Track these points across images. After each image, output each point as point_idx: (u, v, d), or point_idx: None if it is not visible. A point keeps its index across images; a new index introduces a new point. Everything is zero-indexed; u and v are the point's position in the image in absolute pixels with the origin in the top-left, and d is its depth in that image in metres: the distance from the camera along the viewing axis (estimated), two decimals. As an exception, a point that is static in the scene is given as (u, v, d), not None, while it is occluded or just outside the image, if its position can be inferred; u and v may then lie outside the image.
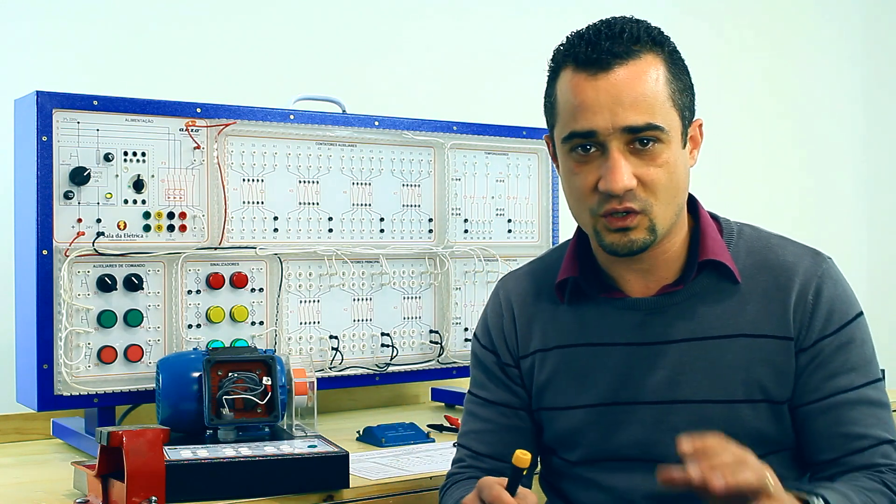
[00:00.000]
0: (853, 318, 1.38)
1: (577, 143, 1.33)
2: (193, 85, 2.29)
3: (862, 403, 1.35)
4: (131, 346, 1.85)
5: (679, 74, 1.35)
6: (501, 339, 1.51)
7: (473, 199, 2.27)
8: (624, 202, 1.30)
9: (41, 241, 1.77)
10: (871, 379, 1.37)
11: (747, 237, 1.43)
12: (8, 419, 2.04)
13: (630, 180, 1.29)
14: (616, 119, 1.28)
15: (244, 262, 1.98)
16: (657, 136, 1.30)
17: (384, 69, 2.65)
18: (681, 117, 1.35)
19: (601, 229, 1.34)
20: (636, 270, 1.40)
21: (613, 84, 1.29)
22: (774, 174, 3.50)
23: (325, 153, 2.08)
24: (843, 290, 1.39)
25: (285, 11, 2.51)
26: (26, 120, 1.81)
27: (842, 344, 1.36)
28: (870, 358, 1.38)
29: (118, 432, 1.41)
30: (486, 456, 1.51)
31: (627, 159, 1.30)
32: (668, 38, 1.37)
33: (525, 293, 1.51)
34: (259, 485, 1.53)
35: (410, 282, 2.19)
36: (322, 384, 2.01)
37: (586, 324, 1.44)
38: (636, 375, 1.39)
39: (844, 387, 1.35)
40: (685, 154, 1.37)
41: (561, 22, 2.91)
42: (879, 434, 1.34)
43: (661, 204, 1.32)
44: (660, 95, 1.31)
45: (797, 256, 1.40)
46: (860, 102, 3.76)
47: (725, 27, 3.39)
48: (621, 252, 1.34)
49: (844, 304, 1.38)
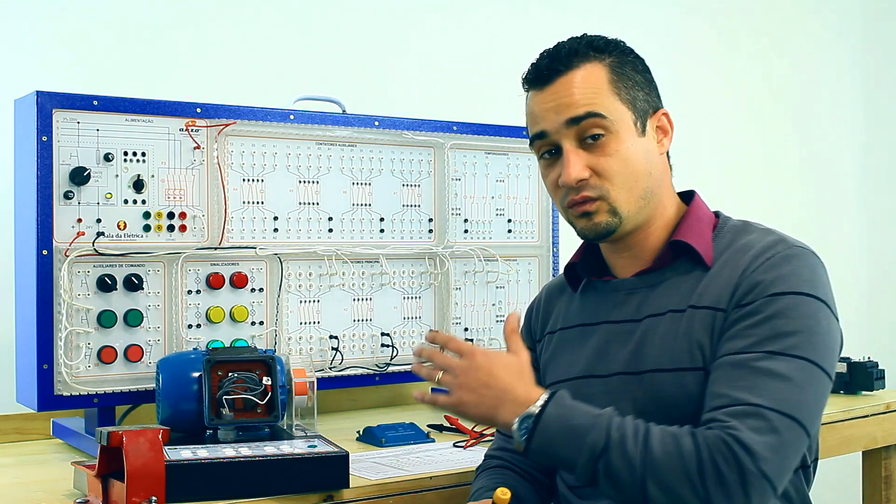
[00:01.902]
0: (783, 293, 1.32)
1: (540, 149, 1.49)
2: (193, 85, 2.29)
3: (744, 367, 1.28)
4: (131, 346, 1.85)
5: (626, 73, 1.47)
6: (527, 326, 1.69)
7: (473, 199, 2.27)
8: (581, 192, 1.44)
9: (41, 241, 1.77)
10: (770, 349, 1.28)
11: (734, 228, 1.48)
12: (8, 419, 2.04)
13: (581, 172, 1.42)
14: (559, 117, 1.43)
15: (244, 262, 1.98)
16: (602, 126, 1.42)
17: (384, 69, 2.65)
18: (631, 108, 1.45)
19: (572, 218, 1.48)
20: (625, 257, 1.51)
21: (555, 91, 1.45)
22: (774, 175, 3.50)
23: (325, 153, 2.08)
24: (794, 271, 1.34)
25: (285, 11, 2.51)
26: (26, 120, 1.81)
27: (752, 311, 1.32)
28: (785, 334, 1.29)
29: (118, 432, 1.41)
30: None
31: (579, 154, 1.43)
32: (621, 46, 1.49)
33: (554, 287, 1.67)
34: (259, 485, 1.53)
35: (410, 282, 2.19)
36: (322, 384, 2.01)
37: (584, 307, 1.57)
38: (610, 350, 1.48)
39: (732, 349, 1.31)
40: (645, 142, 1.46)
41: (561, 22, 2.93)
42: (739, 395, 1.26)
43: (619, 188, 1.43)
44: (600, 90, 1.44)
45: (761, 239, 1.41)
46: (860, 103, 3.76)
47: (725, 27, 3.39)
48: (590, 236, 1.47)
49: (780, 280, 1.33)
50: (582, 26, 1.51)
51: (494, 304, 2.29)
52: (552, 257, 2.37)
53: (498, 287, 2.30)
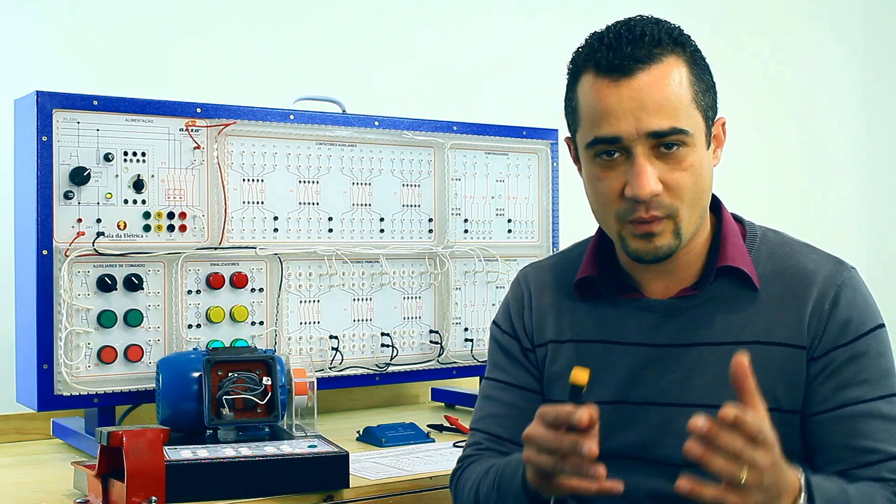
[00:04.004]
0: (871, 329, 1.34)
1: (601, 149, 1.32)
2: (193, 85, 2.29)
3: (873, 417, 1.31)
4: (131, 346, 1.85)
5: (701, 74, 1.34)
6: (521, 326, 1.52)
7: (473, 199, 2.27)
8: (650, 209, 1.30)
9: (41, 241, 1.77)
10: (885, 392, 1.32)
11: (770, 243, 1.42)
12: (8, 419, 2.04)
13: (656, 185, 1.29)
14: (640, 125, 1.28)
15: (244, 262, 1.98)
16: (682, 140, 1.30)
17: (384, 69, 2.65)
18: (704, 118, 1.34)
19: (626, 235, 1.34)
20: (656, 272, 1.40)
21: (637, 89, 1.28)
22: (775, 175, 3.50)
23: (325, 153, 2.08)
24: (864, 300, 1.36)
25: (285, 12, 2.51)
26: (26, 120, 1.81)
27: (856, 355, 1.33)
28: (886, 371, 1.34)
29: (118, 432, 1.41)
30: (506, 440, 1.48)
31: (653, 164, 1.29)
32: (689, 37, 1.36)
33: (543, 285, 1.51)
34: (259, 485, 1.53)
35: (410, 282, 2.19)
36: (322, 384, 2.01)
37: (602, 321, 1.43)
38: (648, 376, 1.38)
39: (855, 399, 1.32)
40: (709, 155, 1.36)
41: (561, 22, 2.93)
42: (889, 449, 1.30)
43: (687, 207, 1.32)
44: (683, 98, 1.30)
45: (818, 264, 1.37)
46: (861, 103, 3.76)
47: (725, 28, 3.39)
48: (647, 259, 1.34)
49: (862, 315, 1.34)
50: (582, 26, 1.46)
51: (494, 304, 2.29)
52: (552, 257, 2.36)
53: (498, 287, 2.29)
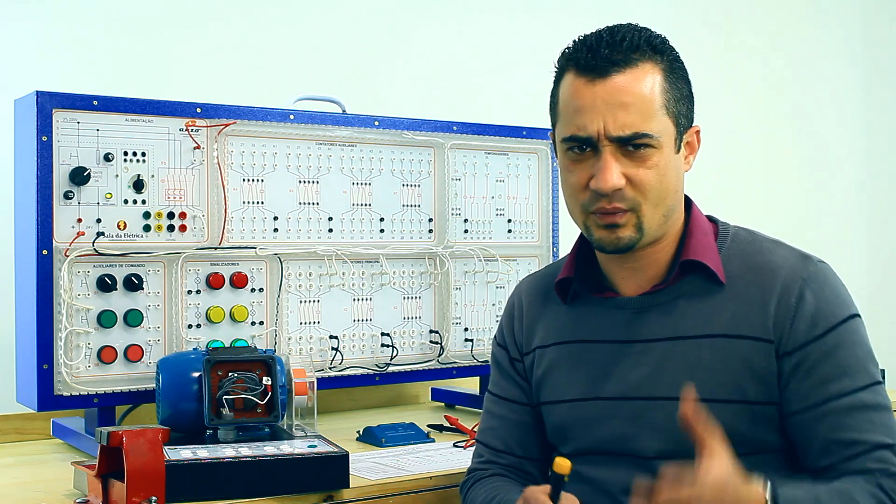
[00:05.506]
0: (842, 320, 1.36)
1: (573, 144, 1.39)
2: (193, 85, 2.29)
3: (855, 409, 1.33)
4: (131, 346, 1.85)
5: (676, 83, 1.40)
6: (511, 336, 1.60)
7: (473, 199, 2.27)
8: (613, 202, 1.37)
9: (41, 241, 1.77)
10: (865, 382, 1.34)
11: (741, 240, 1.45)
12: (8, 419, 2.04)
13: (619, 180, 1.35)
14: (608, 126, 1.35)
15: (244, 262, 1.98)
16: (647, 143, 1.36)
17: (384, 69, 2.65)
18: (675, 124, 1.40)
19: (591, 225, 1.41)
20: (629, 269, 1.46)
21: (609, 90, 1.35)
22: (775, 175, 3.50)
23: (325, 153, 2.08)
24: (833, 292, 1.38)
25: (285, 11, 2.51)
26: (26, 120, 1.81)
27: (830, 348, 1.35)
28: (863, 360, 1.36)
29: (118, 432, 1.41)
30: (502, 452, 1.56)
31: (619, 160, 1.36)
32: (671, 47, 1.42)
33: (534, 294, 1.59)
34: (259, 485, 1.53)
35: (410, 282, 2.19)
36: (322, 384, 2.01)
37: (581, 321, 1.50)
38: (619, 372, 1.43)
39: (837, 393, 1.34)
40: (678, 159, 1.42)
41: (560, 22, 2.93)
42: (873, 439, 1.32)
43: (650, 204, 1.38)
44: (653, 103, 1.36)
45: (784, 259, 1.40)
46: (861, 103, 3.76)
47: (725, 28, 3.39)
48: (608, 248, 1.40)
49: (832, 307, 1.36)
50: (582, 27, 1.48)
51: (494, 304, 2.29)
52: (552, 257, 2.36)
53: (498, 287, 2.30)
